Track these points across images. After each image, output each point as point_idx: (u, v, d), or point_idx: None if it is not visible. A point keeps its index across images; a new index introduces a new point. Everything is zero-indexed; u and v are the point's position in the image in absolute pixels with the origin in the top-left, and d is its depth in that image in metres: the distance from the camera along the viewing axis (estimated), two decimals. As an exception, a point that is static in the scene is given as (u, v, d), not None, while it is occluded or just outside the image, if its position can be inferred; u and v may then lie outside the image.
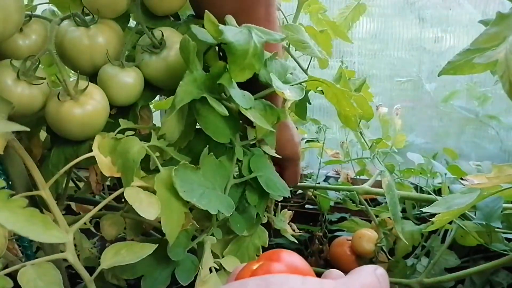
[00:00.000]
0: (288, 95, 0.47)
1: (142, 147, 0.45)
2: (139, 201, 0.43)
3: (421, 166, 0.84)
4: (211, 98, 0.45)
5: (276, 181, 0.54)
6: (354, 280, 0.24)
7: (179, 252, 0.48)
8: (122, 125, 0.50)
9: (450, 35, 0.97)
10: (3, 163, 0.47)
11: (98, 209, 0.45)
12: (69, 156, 0.50)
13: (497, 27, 0.44)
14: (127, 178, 0.44)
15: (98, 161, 0.45)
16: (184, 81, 0.44)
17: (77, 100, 0.47)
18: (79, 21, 0.49)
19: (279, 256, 0.27)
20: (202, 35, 0.45)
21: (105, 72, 0.50)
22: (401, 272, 0.74)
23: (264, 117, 0.50)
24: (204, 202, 0.44)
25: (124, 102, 0.52)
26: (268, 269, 0.26)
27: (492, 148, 0.99)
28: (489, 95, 0.95)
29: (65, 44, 0.49)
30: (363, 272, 0.25)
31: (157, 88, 0.54)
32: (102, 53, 0.49)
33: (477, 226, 0.66)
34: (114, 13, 0.51)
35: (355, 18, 0.86)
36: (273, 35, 0.48)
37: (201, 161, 0.46)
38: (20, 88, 0.45)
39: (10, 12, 0.41)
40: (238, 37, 0.45)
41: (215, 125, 0.48)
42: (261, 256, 0.29)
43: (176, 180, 0.43)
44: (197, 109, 0.47)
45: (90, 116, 0.47)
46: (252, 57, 0.45)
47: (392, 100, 1.04)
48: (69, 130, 0.48)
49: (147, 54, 0.51)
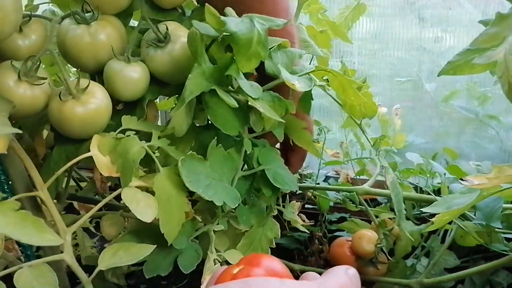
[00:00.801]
0: (298, 86, 0.47)
1: (142, 147, 0.45)
2: (136, 202, 0.43)
3: (420, 166, 0.84)
4: (220, 90, 0.45)
5: (284, 174, 0.54)
6: (329, 280, 0.26)
7: (183, 241, 0.48)
8: (126, 123, 0.49)
9: (450, 35, 0.97)
10: (3, 163, 0.47)
11: (97, 208, 0.45)
12: (70, 154, 0.50)
13: (497, 27, 0.44)
14: (125, 178, 0.44)
15: (96, 160, 0.45)
16: (193, 74, 0.44)
17: (79, 99, 0.47)
18: (79, 18, 0.49)
19: (258, 261, 0.28)
20: (204, 29, 0.45)
21: (111, 67, 0.50)
22: (401, 273, 0.74)
23: (273, 108, 0.50)
24: (210, 193, 0.44)
25: (131, 97, 0.52)
26: (248, 273, 0.27)
27: (492, 148, 0.99)
28: (489, 95, 0.95)
29: (67, 43, 0.49)
30: (336, 272, 0.27)
31: (163, 83, 0.54)
32: (105, 50, 0.49)
33: (477, 226, 0.66)
34: (115, 9, 0.51)
35: (355, 18, 0.85)
36: (275, 21, 0.48)
37: (209, 152, 0.46)
38: (22, 89, 0.45)
39: (7, 12, 0.41)
40: (241, 27, 0.45)
41: (224, 117, 0.48)
42: (240, 260, 0.29)
43: (183, 170, 0.43)
44: (206, 102, 0.47)
45: (92, 114, 0.47)
46: (257, 45, 0.45)
47: (392, 100, 1.04)
48: (72, 129, 0.48)
49: (152, 48, 0.51)
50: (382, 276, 0.74)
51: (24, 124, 0.55)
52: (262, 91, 0.49)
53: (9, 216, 0.35)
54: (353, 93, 0.55)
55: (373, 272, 0.74)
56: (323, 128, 0.87)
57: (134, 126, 0.50)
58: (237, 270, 0.28)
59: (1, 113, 0.40)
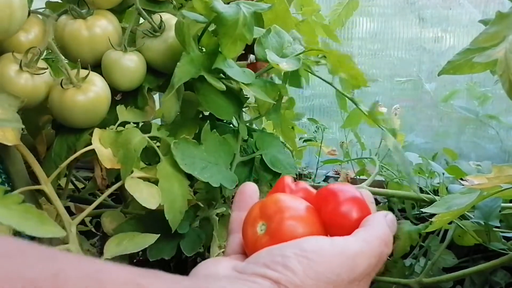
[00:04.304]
0: (284, 67, 0.48)
1: (143, 137, 0.46)
2: (139, 191, 0.44)
3: (419, 166, 0.84)
4: (208, 76, 0.46)
5: (282, 159, 0.54)
6: (370, 232, 0.28)
7: (185, 226, 0.49)
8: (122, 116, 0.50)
9: (450, 35, 0.97)
10: (3, 162, 0.48)
11: (97, 204, 0.46)
12: (71, 144, 0.51)
13: (497, 27, 0.44)
14: (126, 168, 0.45)
15: (99, 153, 0.46)
16: (182, 62, 0.45)
17: (80, 87, 0.48)
18: (75, 14, 0.50)
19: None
20: (192, 16, 0.46)
21: (109, 57, 0.51)
22: (400, 272, 0.74)
23: (265, 92, 0.50)
24: (206, 175, 0.45)
25: (129, 87, 0.53)
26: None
27: (492, 148, 0.99)
28: (489, 94, 0.95)
29: (65, 37, 0.51)
30: (375, 223, 0.28)
31: (159, 73, 0.55)
32: (102, 42, 0.51)
33: (476, 225, 0.66)
34: (110, 4, 0.53)
35: (348, 14, 0.85)
36: (261, 5, 0.49)
37: (203, 136, 0.47)
38: (23, 79, 0.46)
39: (15, 9, 0.42)
40: (227, 9, 0.46)
41: (217, 103, 0.49)
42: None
43: (177, 153, 0.44)
44: (198, 88, 0.48)
45: (93, 102, 0.48)
46: (243, 27, 0.46)
47: (392, 99, 1.04)
48: (73, 117, 0.49)
49: (148, 38, 0.52)
50: (380, 276, 0.74)
51: (25, 123, 0.56)
52: (254, 76, 0.50)
53: (13, 209, 0.36)
54: (352, 65, 0.55)
55: (372, 272, 0.74)
56: (320, 126, 0.87)
57: (130, 117, 0.51)
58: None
59: (11, 108, 0.42)
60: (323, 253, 0.26)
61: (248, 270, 0.26)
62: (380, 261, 0.28)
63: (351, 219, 0.29)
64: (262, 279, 0.24)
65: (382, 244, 0.28)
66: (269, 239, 0.28)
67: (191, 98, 0.54)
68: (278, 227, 0.28)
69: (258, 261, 0.26)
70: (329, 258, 0.26)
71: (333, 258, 0.26)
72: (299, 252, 0.25)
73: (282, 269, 0.25)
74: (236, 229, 0.32)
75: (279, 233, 0.28)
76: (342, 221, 0.29)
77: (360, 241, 0.27)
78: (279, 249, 0.26)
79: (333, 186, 0.30)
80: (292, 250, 0.26)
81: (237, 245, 0.31)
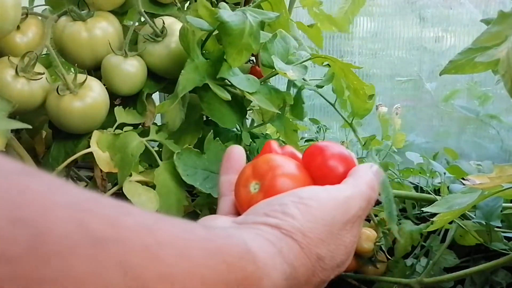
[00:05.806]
0: (291, 75, 0.47)
1: (141, 141, 0.46)
2: (137, 195, 0.44)
3: (420, 166, 0.84)
4: (213, 84, 0.46)
5: None
6: (358, 180, 0.30)
7: None
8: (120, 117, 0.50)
9: (451, 35, 0.97)
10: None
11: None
12: (69, 150, 0.51)
13: (499, 26, 0.44)
14: (123, 172, 0.44)
15: (96, 156, 0.45)
16: (186, 70, 0.44)
17: (76, 93, 0.47)
18: (75, 15, 0.49)
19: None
20: (197, 23, 0.46)
21: (109, 62, 0.51)
22: (401, 272, 0.74)
23: (270, 100, 0.50)
24: (208, 186, 0.44)
25: (129, 91, 0.52)
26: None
27: (493, 148, 0.99)
28: (490, 94, 0.95)
29: (65, 40, 0.50)
30: (362, 172, 0.31)
31: (160, 78, 0.54)
32: (102, 45, 0.50)
33: (477, 225, 0.66)
34: (111, 5, 0.52)
35: (355, 11, 0.84)
36: (268, 14, 0.48)
37: (206, 145, 0.47)
38: (19, 84, 0.45)
39: (6, 9, 0.41)
40: (233, 18, 0.45)
41: (220, 111, 0.48)
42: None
43: (179, 164, 0.43)
44: (202, 97, 0.48)
45: (90, 108, 0.47)
46: (249, 37, 0.45)
47: (392, 99, 1.04)
48: (70, 123, 0.48)
49: (150, 43, 0.51)
50: (381, 276, 0.74)
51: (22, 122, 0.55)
52: (259, 84, 0.49)
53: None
54: (354, 77, 0.55)
55: (372, 271, 0.74)
56: (322, 126, 0.87)
57: (129, 119, 0.50)
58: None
59: (1, 112, 0.41)
60: (318, 199, 0.28)
61: (248, 221, 0.27)
62: (369, 204, 0.30)
63: (339, 171, 0.31)
64: (264, 226, 0.26)
65: (370, 189, 0.30)
66: (263, 196, 0.29)
67: (194, 102, 0.53)
68: (271, 183, 0.29)
69: (258, 211, 0.28)
70: (324, 203, 0.28)
71: (327, 203, 0.28)
72: (296, 200, 0.27)
73: (282, 216, 0.26)
74: (226, 192, 0.33)
75: (273, 189, 0.29)
76: (330, 173, 0.31)
77: (350, 187, 0.30)
78: (277, 199, 0.28)
79: (320, 143, 0.32)
80: (290, 198, 0.27)
81: (229, 207, 0.32)
